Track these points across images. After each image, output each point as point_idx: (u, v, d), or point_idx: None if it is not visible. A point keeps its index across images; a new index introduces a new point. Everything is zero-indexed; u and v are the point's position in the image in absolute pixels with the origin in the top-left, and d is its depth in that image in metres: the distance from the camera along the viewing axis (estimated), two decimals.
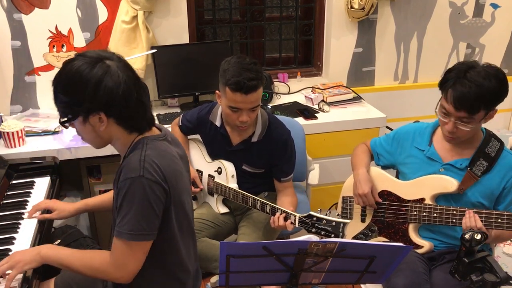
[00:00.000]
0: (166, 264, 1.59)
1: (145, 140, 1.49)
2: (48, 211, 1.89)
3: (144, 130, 1.52)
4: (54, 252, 1.55)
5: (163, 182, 1.44)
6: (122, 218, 1.43)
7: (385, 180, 2.06)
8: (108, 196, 1.86)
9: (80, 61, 1.42)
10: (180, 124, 2.35)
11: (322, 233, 1.80)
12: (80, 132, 1.52)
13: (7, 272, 1.50)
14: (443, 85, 1.82)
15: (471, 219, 1.75)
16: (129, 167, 1.42)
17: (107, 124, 1.45)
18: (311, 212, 1.84)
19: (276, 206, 1.99)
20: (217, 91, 2.09)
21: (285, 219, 1.94)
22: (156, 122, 1.66)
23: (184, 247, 1.62)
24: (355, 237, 2.10)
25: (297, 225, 1.89)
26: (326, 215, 1.80)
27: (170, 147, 1.56)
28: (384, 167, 2.15)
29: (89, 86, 1.39)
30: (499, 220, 1.74)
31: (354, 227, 2.11)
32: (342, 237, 1.76)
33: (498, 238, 1.85)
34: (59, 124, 1.51)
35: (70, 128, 1.51)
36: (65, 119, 1.46)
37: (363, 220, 2.09)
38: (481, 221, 1.75)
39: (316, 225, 1.81)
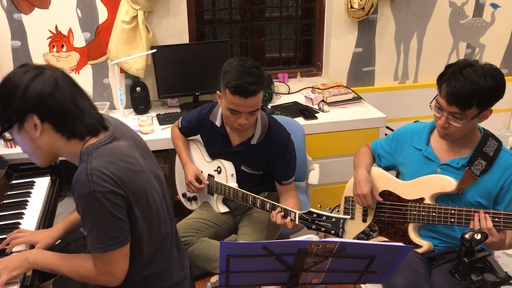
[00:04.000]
0: (138, 260, 1.56)
1: (89, 150, 1.44)
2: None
3: (84, 136, 1.47)
4: (42, 257, 1.55)
5: (116, 189, 1.40)
6: (88, 233, 1.43)
7: (386, 180, 2.07)
8: None
9: (16, 70, 1.43)
10: (180, 126, 2.35)
11: (322, 230, 1.80)
12: (21, 145, 1.49)
13: None
14: (440, 79, 1.83)
15: (481, 221, 1.74)
16: (79, 184, 1.39)
17: (41, 130, 1.42)
18: (311, 209, 1.84)
19: (276, 203, 2.00)
20: (218, 92, 2.09)
21: (285, 216, 1.94)
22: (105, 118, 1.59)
23: (156, 239, 1.58)
24: (356, 237, 2.10)
25: (297, 222, 1.89)
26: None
27: (119, 146, 1.50)
28: (385, 168, 2.16)
29: (19, 88, 1.38)
30: (496, 219, 1.74)
31: (356, 226, 2.11)
32: (342, 233, 1.76)
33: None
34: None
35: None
36: (3, 128, 1.44)
37: (364, 220, 2.09)
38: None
39: (316, 221, 1.82)
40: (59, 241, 1.88)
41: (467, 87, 1.73)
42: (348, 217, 1.79)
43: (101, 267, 1.47)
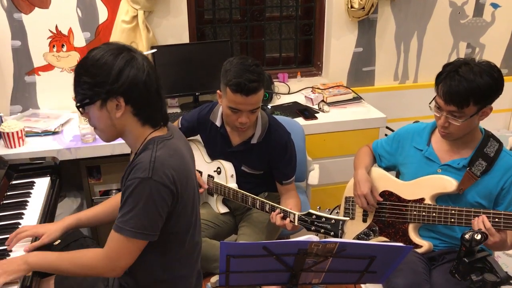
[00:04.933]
0: (170, 261, 1.59)
1: (156, 140, 1.49)
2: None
3: (158, 124, 1.53)
4: (42, 258, 1.55)
5: (171, 185, 1.44)
6: (124, 213, 1.43)
7: (386, 180, 2.07)
8: (101, 208, 1.83)
9: (105, 48, 1.46)
10: (180, 126, 2.35)
11: (321, 231, 1.80)
12: (94, 120, 1.51)
13: None
14: (437, 79, 1.84)
15: (479, 223, 1.73)
16: (139, 166, 1.42)
17: (123, 112, 1.45)
18: (310, 210, 1.84)
19: (276, 205, 2.00)
20: (218, 91, 2.09)
21: (284, 217, 1.94)
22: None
23: (190, 244, 1.63)
24: (356, 237, 2.10)
25: (296, 223, 1.90)
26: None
27: (178, 145, 1.56)
28: (386, 169, 2.16)
29: (114, 69, 1.42)
30: (496, 220, 1.74)
31: (356, 227, 2.11)
32: (341, 235, 1.76)
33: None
34: (76, 108, 1.52)
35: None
36: (84, 102, 1.46)
37: (364, 220, 2.09)
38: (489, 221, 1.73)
39: (315, 223, 1.82)
40: (59, 241, 1.89)
41: (463, 86, 1.74)
42: (347, 218, 1.79)
43: (113, 251, 1.46)
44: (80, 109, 1.49)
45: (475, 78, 1.74)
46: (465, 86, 1.74)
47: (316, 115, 2.92)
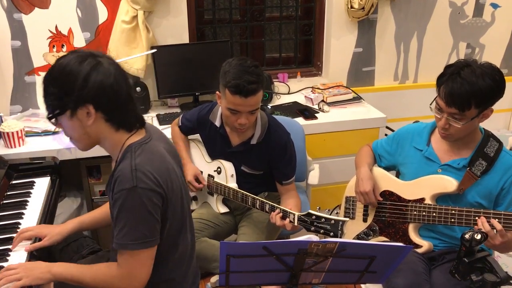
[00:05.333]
0: (165, 265, 1.58)
1: (133, 147, 1.47)
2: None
3: (133, 127, 1.50)
4: (65, 268, 1.54)
5: (158, 188, 1.43)
6: (120, 229, 1.42)
7: (387, 180, 2.07)
8: (103, 210, 1.83)
9: (70, 56, 1.43)
10: (180, 124, 2.35)
11: (321, 231, 1.80)
12: (67, 130, 1.50)
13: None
14: (439, 81, 1.83)
15: (484, 224, 1.72)
16: (122, 178, 1.41)
17: (94, 119, 1.43)
18: (310, 211, 1.84)
19: (275, 205, 2.00)
20: (217, 92, 2.09)
21: (284, 218, 1.94)
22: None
23: (183, 244, 1.62)
24: (356, 237, 2.10)
25: (296, 224, 1.89)
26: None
27: (157, 146, 1.53)
28: (386, 169, 2.16)
29: (79, 77, 1.39)
30: (496, 220, 1.74)
31: (356, 226, 2.11)
32: (341, 235, 1.76)
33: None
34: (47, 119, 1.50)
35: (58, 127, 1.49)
36: (54, 112, 1.44)
37: (365, 220, 2.09)
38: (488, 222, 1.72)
39: (315, 223, 1.82)
40: None
41: (464, 89, 1.73)
42: (347, 219, 1.79)
43: (127, 268, 1.46)
44: (52, 120, 1.47)
45: (477, 81, 1.73)
46: (467, 89, 1.73)
47: (316, 115, 2.92)
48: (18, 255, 1.65)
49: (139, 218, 1.41)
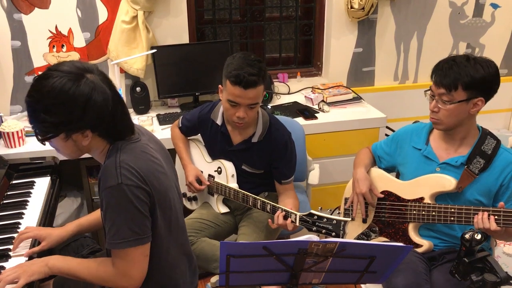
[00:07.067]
0: (156, 265, 1.56)
1: (119, 145, 1.45)
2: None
3: (125, 136, 1.49)
4: (62, 261, 1.53)
5: (143, 185, 1.41)
6: (110, 228, 1.41)
7: (385, 180, 2.07)
8: (98, 214, 1.80)
9: (60, 78, 1.34)
10: (180, 125, 2.35)
11: (323, 232, 1.80)
12: (58, 147, 1.47)
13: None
14: (434, 67, 1.90)
15: (485, 221, 1.73)
16: (106, 175, 1.39)
17: (91, 138, 1.42)
18: (312, 211, 1.84)
19: (277, 205, 2.00)
20: (220, 85, 2.09)
21: (285, 218, 1.94)
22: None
23: (174, 245, 1.60)
24: (356, 238, 2.10)
25: (297, 224, 1.89)
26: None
27: (146, 146, 1.52)
28: (386, 170, 2.15)
29: (78, 106, 1.34)
30: (496, 217, 1.74)
31: (356, 227, 2.11)
32: (343, 236, 1.76)
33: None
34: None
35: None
36: (47, 136, 1.41)
37: (364, 221, 2.09)
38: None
39: (316, 223, 1.82)
40: None
41: (453, 70, 1.80)
42: (349, 219, 1.79)
43: (120, 267, 1.45)
44: (43, 142, 1.44)
45: (467, 65, 1.80)
46: (456, 70, 1.80)
47: (316, 115, 2.92)
48: (18, 255, 1.65)
49: (127, 216, 1.39)
